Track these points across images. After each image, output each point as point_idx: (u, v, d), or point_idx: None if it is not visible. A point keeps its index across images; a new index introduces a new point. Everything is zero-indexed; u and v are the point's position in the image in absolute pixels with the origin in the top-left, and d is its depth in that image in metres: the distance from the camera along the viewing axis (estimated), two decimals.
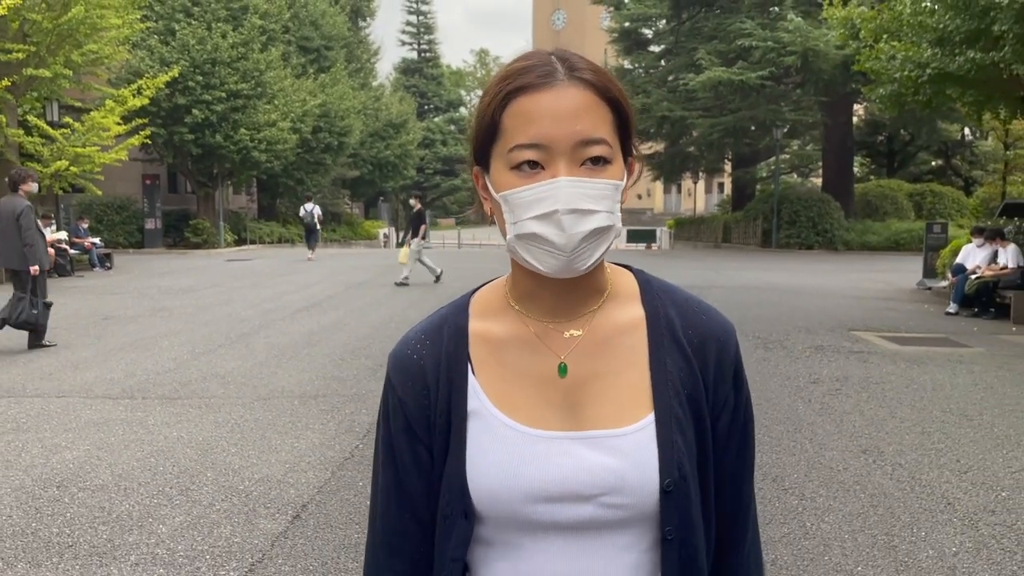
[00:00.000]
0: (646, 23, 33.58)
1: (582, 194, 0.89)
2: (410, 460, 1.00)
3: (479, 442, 0.96)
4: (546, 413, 0.96)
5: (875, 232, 28.03)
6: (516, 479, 0.93)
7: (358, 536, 3.76)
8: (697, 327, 1.01)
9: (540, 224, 0.89)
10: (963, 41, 10.46)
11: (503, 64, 0.96)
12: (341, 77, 33.29)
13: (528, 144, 0.89)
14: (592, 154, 0.90)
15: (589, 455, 0.94)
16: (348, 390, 6.65)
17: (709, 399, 1.00)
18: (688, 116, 27.30)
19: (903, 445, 5.28)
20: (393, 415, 1.01)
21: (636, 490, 0.94)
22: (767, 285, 15.77)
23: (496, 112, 0.92)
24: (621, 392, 0.97)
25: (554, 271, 0.91)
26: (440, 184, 58.52)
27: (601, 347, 0.98)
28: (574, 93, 0.90)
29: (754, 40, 23.53)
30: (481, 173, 0.97)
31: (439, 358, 0.99)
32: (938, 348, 9.06)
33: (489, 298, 1.03)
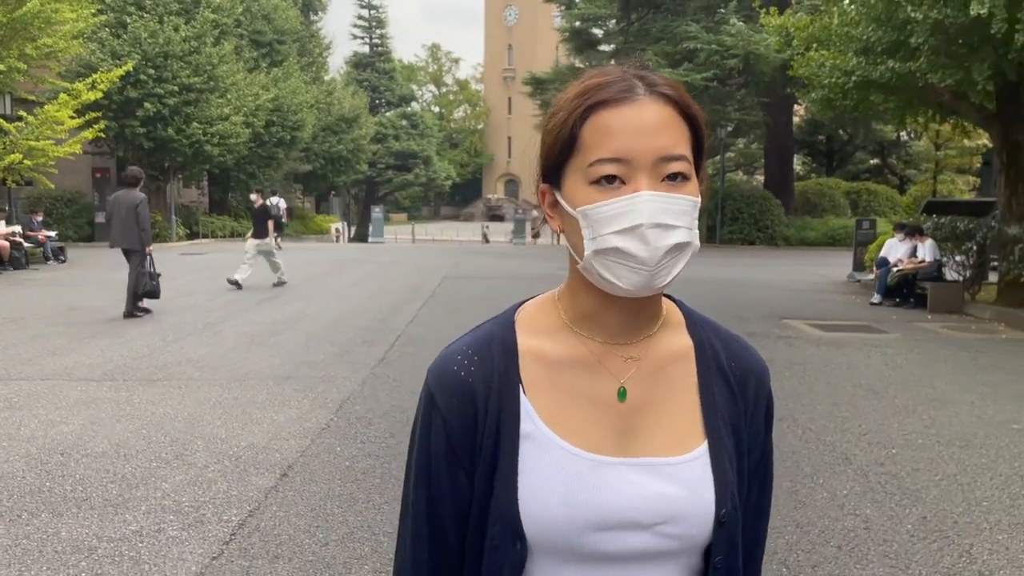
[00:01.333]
0: (596, 23, 34.32)
1: (664, 209, 0.87)
2: (447, 485, 0.96)
3: (534, 467, 0.92)
4: (603, 438, 0.94)
5: (813, 228, 29.29)
6: (576, 506, 0.90)
7: (340, 488, 4.31)
8: (739, 361, 1.02)
9: (622, 239, 0.87)
10: (884, 51, 11.34)
11: (579, 80, 0.95)
12: (293, 71, 33.39)
13: (609, 158, 0.88)
14: (672, 170, 0.88)
15: (649, 482, 0.93)
16: (318, 372, 7.15)
17: (747, 431, 1.00)
18: None
19: (815, 413, 6.01)
20: (435, 437, 0.96)
21: (692, 520, 0.93)
22: (709, 278, 16.61)
23: (576, 126, 0.90)
24: (675, 420, 0.96)
25: (635, 287, 0.89)
26: (392, 179, 58.69)
27: (657, 373, 0.97)
28: (655, 108, 0.89)
29: (699, 43, 24.46)
30: (550, 190, 0.96)
31: (489, 377, 0.95)
32: (858, 334, 9.91)
33: (538, 315, 1.00)
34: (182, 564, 3.41)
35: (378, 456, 4.85)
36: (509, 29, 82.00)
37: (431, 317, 10.41)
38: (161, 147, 25.63)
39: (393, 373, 7.12)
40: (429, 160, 61.69)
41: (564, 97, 0.93)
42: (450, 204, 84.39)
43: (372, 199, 56.12)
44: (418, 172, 59.88)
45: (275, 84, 30.95)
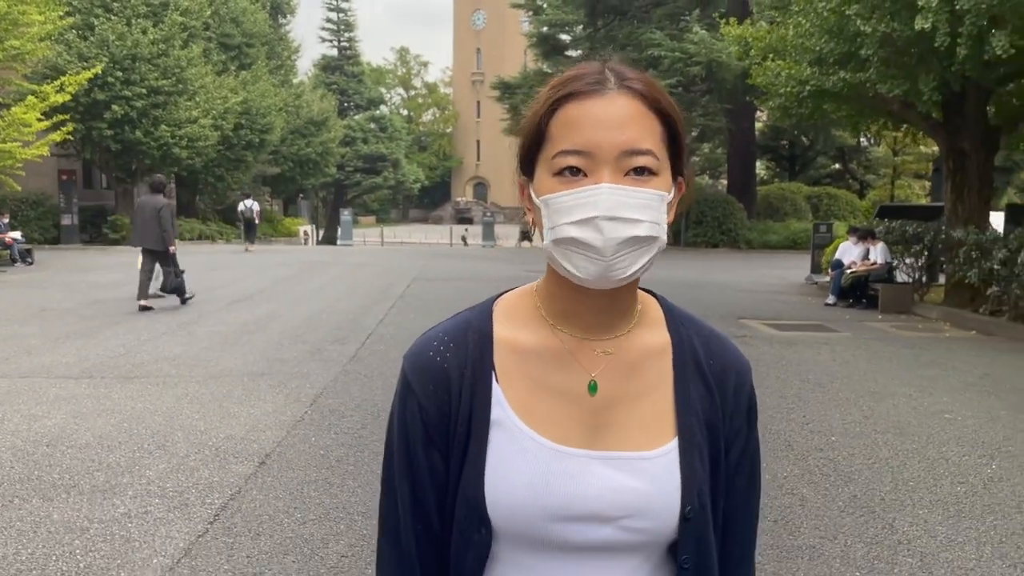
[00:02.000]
0: (564, 29, 34.81)
1: (623, 202, 0.87)
2: (426, 471, 0.96)
3: (501, 454, 0.93)
4: (572, 430, 0.94)
5: (775, 232, 29.96)
6: (541, 496, 0.91)
7: (316, 474, 4.58)
8: (718, 358, 1.01)
9: (579, 229, 0.88)
10: (836, 62, 11.84)
11: (559, 75, 0.95)
12: (262, 74, 33.40)
13: (572, 150, 0.88)
14: (637, 164, 0.88)
15: (615, 476, 0.93)
16: (291, 369, 7.39)
17: (724, 429, 1.00)
18: None
19: (763, 405, 6.38)
20: (411, 422, 0.97)
21: (658, 515, 0.93)
22: (673, 280, 17.05)
23: (544, 119, 0.91)
24: (646, 415, 0.96)
25: (592, 277, 0.89)
26: (361, 182, 58.74)
27: (630, 369, 0.97)
28: (623, 102, 0.89)
29: (663, 50, 24.99)
30: (526, 183, 0.97)
31: (464, 363, 0.96)
32: (811, 333, 10.37)
33: (515, 306, 1.01)
34: (170, 541, 3.67)
35: (351, 446, 5.13)
36: (477, 33, 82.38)
37: (401, 317, 10.68)
38: (129, 149, 25.56)
39: (364, 370, 7.39)
40: (398, 163, 61.84)
41: (543, 90, 0.94)
42: (419, 207, 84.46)
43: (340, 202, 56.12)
44: (387, 175, 60.00)
45: (244, 87, 30.95)
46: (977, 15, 9.55)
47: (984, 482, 4.72)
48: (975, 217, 12.29)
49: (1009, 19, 9.64)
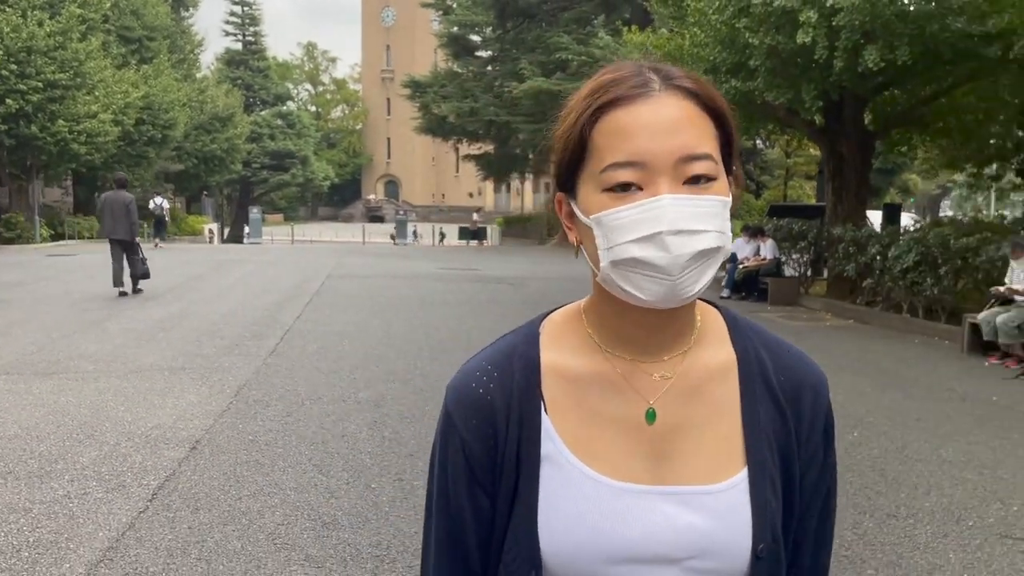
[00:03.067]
0: (473, 29, 35.28)
1: (689, 213, 0.80)
2: (468, 509, 0.91)
3: (554, 492, 0.87)
4: (629, 463, 0.88)
5: None
6: (598, 537, 0.85)
7: (247, 456, 4.88)
8: (790, 373, 0.93)
9: (641, 247, 0.80)
10: (728, 71, 12.68)
11: (593, 77, 0.88)
12: (164, 68, 32.60)
13: (624, 162, 0.81)
14: (695, 171, 0.81)
15: (678, 514, 0.86)
16: (211, 364, 7.58)
17: (800, 454, 0.92)
18: (513, 121, 29.23)
19: None
20: (453, 458, 0.91)
21: (727, 554, 0.87)
22: (581, 276, 17.69)
23: (585, 129, 0.84)
24: (712, 444, 0.89)
25: (657, 299, 0.83)
26: (268, 179, 57.73)
27: (692, 393, 0.90)
28: (674, 104, 0.82)
29: (570, 54, 25.75)
30: (565, 199, 0.90)
31: (509, 394, 0.90)
32: None
33: (563, 328, 0.94)
34: (113, 517, 3.92)
35: (279, 431, 5.43)
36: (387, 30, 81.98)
37: (318, 313, 10.90)
38: (23, 145, 24.62)
39: (286, 363, 7.64)
40: (306, 160, 61.03)
41: (576, 97, 0.87)
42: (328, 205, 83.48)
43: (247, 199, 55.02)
44: (295, 172, 59.14)
45: (145, 81, 30.19)
46: (851, 31, 10.47)
47: (845, 447, 5.40)
48: (853, 215, 13.37)
49: (880, 35, 10.59)
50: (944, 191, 57.11)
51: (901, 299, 11.48)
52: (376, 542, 3.74)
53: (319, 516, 4.02)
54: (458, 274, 17.78)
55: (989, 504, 4.47)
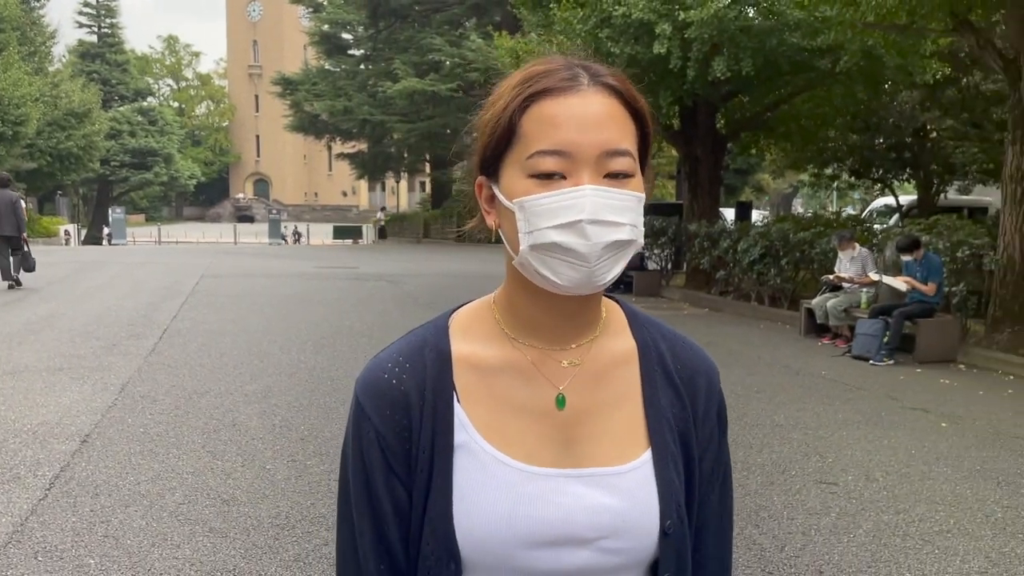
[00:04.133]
0: (345, 28, 35.09)
1: (607, 205, 0.83)
2: (389, 504, 0.90)
3: (468, 480, 0.87)
4: (541, 448, 0.89)
5: None
6: (513, 522, 0.86)
7: (140, 447, 5.05)
8: (686, 362, 0.97)
9: (561, 233, 0.83)
10: None
11: (522, 68, 0.89)
12: (14, 62, 30.68)
13: (551, 150, 0.83)
14: (616, 167, 0.84)
15: (589, 494, 0.88)
16: (89, 364, 7.55)
17: (697, 437, 0.96)
18: (388, 120, 29.36)
19: None
20: (367, 451, 0.90)
21: (636, 533, 0.89)
22: (461, 272, 18.24)
23: (515, 115, 0.85)
24: (617, 427, 0.92)
25: (572, 284, 0.85)
26: (129, 178, 55.08)
27: (598, 379, 0.93)
28: (600, 100, 0.84)
29: (443, 55, 26.20)
30: (487, 183, 0.91)
31: (422, 384, 0.90)
32: None
33: (472, 320, 0.96)
34: (13, 505, 4.06)
35: (169, 424, 5.60)
36: (253, 25, 79.68)
37: (195, 312, 10.87)
38: None
39: (168, 360, 7.71)
40: (170, 158, 58.58)
41: (504, 85, 0.89)
42: (194, 205, 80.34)
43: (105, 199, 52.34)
44: (158, 171, 56.68)
45: None
46: (702, 43, 11.43)
47: None
48: (707, 213, 14.48)
49: (727, 47, 11.60)
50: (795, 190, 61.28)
51: (749, 289, 12.60)
52: (275, 514, 4.06)
53: (218, 495, 4.30)
54: (336, 272, 17.87)
55: (810, 458, 5.25)
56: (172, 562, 3.50)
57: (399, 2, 30.11)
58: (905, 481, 4.76)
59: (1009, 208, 8.70)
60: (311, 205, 78.53)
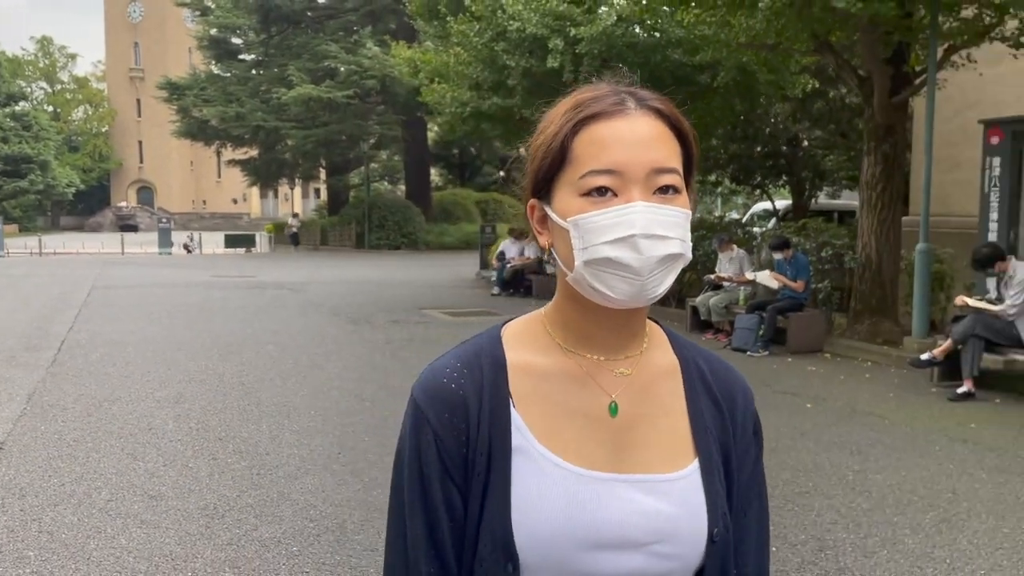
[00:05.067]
0: (235, 32, 34.42)
1: (657, 220, 0.87)
2: (443, 506, 0.91)
3: (526, 483, 0.90)
4: (595, 453, 0.92)
5: (450, 234, 32.64)
6: (570, 524, 0.88)
7: (57, 452, 5.15)
8: (724, 378, 1.02)
9: (614, 248, 0.86)
10: (490, 88, 13.96)
11: (570, 95, 0.95)
12: None
13: (602, 170, 0.88)
14: (664, 183, 0.88)
15: (644, 499, 0.91)
16: None
17: (736, 450, 0.99)
18: (282, 127, 29.06)
19: None
20: (426, 454, 0.92)
21: (687, 539, 0.92)
22: (360, 279, 18.37)
23: (567, 139, 0.90)
24: (665, 436, 0.95)
25: (626, 297, 0.88)
26: (2, 186, 52.06)
27: (647, 389, 0.96)
28: (647, 121, 0.90)
29: (339, 62, 26.18)
30: (539, 205, 0.95)
31: (480, 389, 0.93)
32: (479, 316, 12.29)
33: (524, 332, 0.99)
34: None
35: (85, 430, 5.69)
36: (134, 26, 76.59)
37: (92, 324, 10.70)
38: None
39: (71, 371, 7.67)
40: (46, 165, 55.82)
41: (555, 112, 0.95)
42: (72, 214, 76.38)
43: None
44: (34, 178, 53.88)
45: None
46: (592, 58, 12.09)
47: None
48: None
49: (615, 62, 12.31)
50: None
51: None
52: (203, 506, 4.29)
53: (145, 491, 4.49)
54: (234, 282, 17.70)
55: None
56: (110, 551, 3.70)
57: (291, 8, 29.83)
58: (774, 454, 5.40)
59: (866, 212, 9.66)
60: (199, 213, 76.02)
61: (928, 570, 3.65)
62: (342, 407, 6.46)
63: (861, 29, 8.72)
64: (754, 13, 8.52)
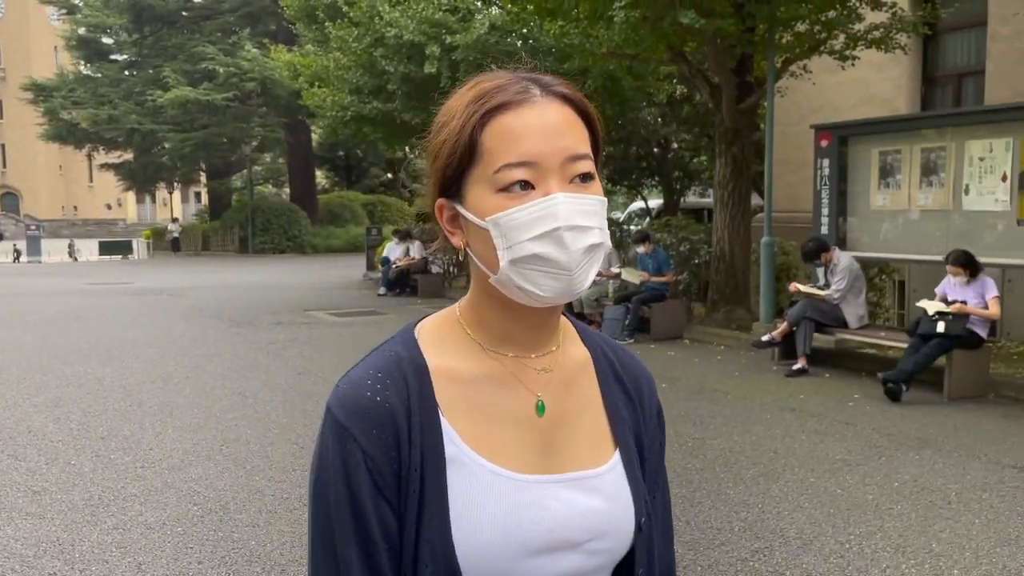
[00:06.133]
0: (105, 32, 33.14)
1: (578, 210, 0.85)
2: (378, 529, 0.86)
3: (464, 495, 0.86)
4: (526, 456, 0.90)
5: (337, 237, 32.51)
6: (512, 532, 0.86)
7: None
8: (629, 368, 1.02)
9: (540, 244, 0.84)
10: (371, 93, 14.24)
11: (468, 86, 0.90)
12: None
13: (517, 163, 0.84)
14: (580, 170, 0.86)
15: (578, 498, 0.91)
16: None
17: (646, 436, 1.00)
18: (159, 129, 28.26)
19: (330, 369, 8.22)
20: (354, 474, 0.85)
21: (618, 532, 0.92)
22: (244, 284, 18.23)
23: (475, 132, 0.85)
24: (587, 430, 0.95)
25: (555, 294, 0.86)
26: None
27: (567, 384, 0.95)
28: (555, 108, 0.86)
29: (217, 64, 25.72)
30: (448, 204, 0.91)
31: (407, 400, 0.88)
32: (364, 317, 12.56)
33: (439, 333, 0.94)
34: None
35: None
36: None
37: None
38: None
39: None
40: None
41: (455, 104, 0.89)
42: None
43: None
44: None
45: None
46: (468, 64, 12.57)
47: None
48: None
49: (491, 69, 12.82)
50: None
51: None
52: (87, 498, 4.49)
53: (28, 487, 4.63)
54: (111, 288, 17.26)
55: None
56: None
57: (166, 8, 29.01)
58: None
59: (719, 209, 10.54)
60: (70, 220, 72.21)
61: (743, 514, 4.28)
62: (224, 404, 6.67)
63: (708, 42, 9.54)
64: (612, 26, 9.19)
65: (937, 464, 5.09)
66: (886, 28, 9.40)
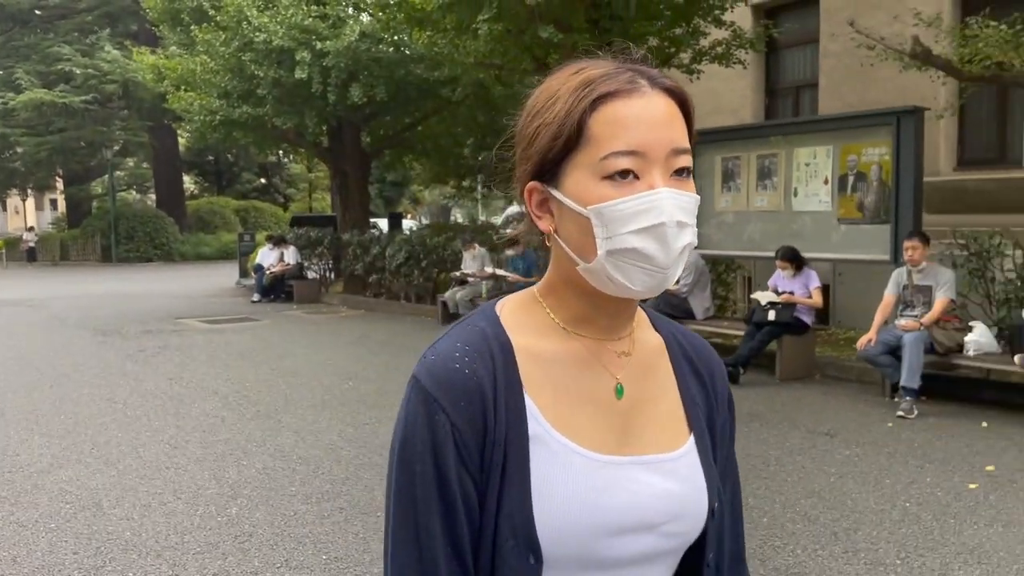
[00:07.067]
0: None
1: (681, 207, 0.85)
2: (462, 501, 0.86)
3: (545, 472, 0.87)
4: (606, 436, 0.91)
5: (207, 244, 31.57)
6: (590, 511, 0.87)
7: None
8: (702, 355, 1.02)
9: (641, 238, 0.84)
10: (240, 97, 14.11)
11: (570, 70, 0.89)
12: None
13: (626, 151, 0.84)
14: (681, 164, 0.86)
15: (654, 480, 0.91)
16: None
17: (718, 422, 1.01)
18: (11, 133, 26.69)
19: (204, 375, 8.23)
20: (442, 445, 0.86)
21: (693, 515, 0.93)
22: (108, 293, 17.59)
23: (584, 117, 0.85)
24: (663, 415, 0.96)
25: (647, 289, 0.86)
26: None
27: (645, 369, 0.96)
28: (662, 100, 0.87)
29: (74, 65, 24.57)
30: (542, 188, 0.90)
31: (493, 374, 0.88)
32: (238, 323, 12.47)
33: (521, 312, 0.95)
34: None
35: None
36: None
37: None
38: None
39: None
40: None
41: (558, 88, 0.89)
42: None
43: None
44: None
45: None
46: (339, 71, 12.73)
47: (345, 390, 7.31)
48: (358, 223, 15.84)
49: (362, 75, 13.03)
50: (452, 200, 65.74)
51: (399, 289, 14.18)
52: None
53: None
54: None
55: None
56: None
57: (17, 6, 27.43)
58: None
59: None
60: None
61: None
62: (93, 410, 6.64)
63: (568, 55, 10.12)
64: (478, 37, 9.61)
65: (763, 434, 5.75)
66: (727, 45, 10.27)
